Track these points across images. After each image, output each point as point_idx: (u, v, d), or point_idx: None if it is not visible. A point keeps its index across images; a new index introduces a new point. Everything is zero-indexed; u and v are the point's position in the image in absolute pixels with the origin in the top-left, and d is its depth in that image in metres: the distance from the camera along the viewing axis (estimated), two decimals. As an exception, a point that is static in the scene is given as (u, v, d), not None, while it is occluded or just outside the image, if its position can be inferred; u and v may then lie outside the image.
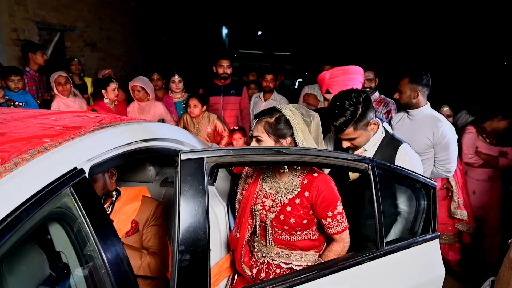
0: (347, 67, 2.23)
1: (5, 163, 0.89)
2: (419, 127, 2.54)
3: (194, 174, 1.15)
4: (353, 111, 1.65)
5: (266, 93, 4.20)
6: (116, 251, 1.03)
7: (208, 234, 1.14)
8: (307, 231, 1.52)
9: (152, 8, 8.85)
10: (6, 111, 1.54)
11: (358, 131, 1.69)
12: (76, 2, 5.98)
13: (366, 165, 1.43)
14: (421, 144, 2.51)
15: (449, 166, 2.50)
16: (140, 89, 3.54)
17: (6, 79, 3.30)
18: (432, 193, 1.59)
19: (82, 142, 1.15)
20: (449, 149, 2.45)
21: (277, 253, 1.55)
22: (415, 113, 2.57)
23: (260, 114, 1.55)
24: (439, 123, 2.46)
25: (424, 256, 1.56)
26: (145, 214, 1.72)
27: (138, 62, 8.30)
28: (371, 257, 1.37)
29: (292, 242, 1.52)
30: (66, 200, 0.97)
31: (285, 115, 1.48)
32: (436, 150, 2.51)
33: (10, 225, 0.77)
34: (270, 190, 1.55)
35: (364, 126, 1.70)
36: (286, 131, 1.49)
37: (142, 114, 3.56)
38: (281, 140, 1.50)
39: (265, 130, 1.50)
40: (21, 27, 4.77)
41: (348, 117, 1.65)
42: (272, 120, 1.50)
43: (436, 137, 2.44)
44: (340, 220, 1.45)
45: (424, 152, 2.53)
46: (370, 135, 1.76)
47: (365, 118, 1.68)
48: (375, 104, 3.38)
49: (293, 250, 1.54)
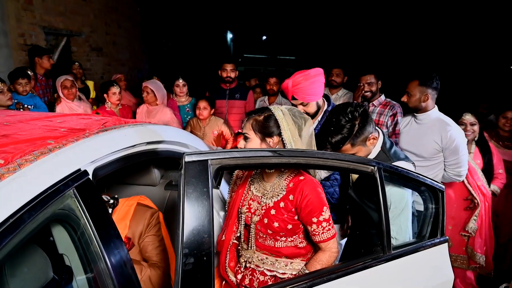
0: (307, 72, 2.21)
1: (8, 164, 0.88)
2: (426, 131, 2.51)
3: (198, 176, 1.14)
4: (349, 127, 1.59)
5: (271, 97, 4.19)
6: (119, 254, 1.02)
7: (213, 237, 1.13)
8: (293, 237, 1.48)
9: (157, 13, 8.92)
10: (11, 113, 1.54)
11: (356, 147, 1.64)
12: (83, 8, 6.04)
13: (372, 167, 1.41)
14: (429, 148, 2.48)
15: (460, 170, 2.46)
16: (150, 91, 3.53)
17: (14, 83, 3.33)
18: (440, 196, 1.56)
19: (86, 144, 1.15)
20: (459, 152, 2.41)
21: (261, 259, 1.52)
22: (423, 117, 2.55)
23: (251, 112, 1.55)
24: (448, 127, 2.42)
25: (432, 260, 1.53)
26: (138, 227, 1.63)
27: (144, 66, 8.35)
28: (379, 261, 1.35)
29: (276, 249, 1.49)
30: (70, 201, 0.96)
31: (275, 115, 1.47)
32: (445, 154, 2.47)
33: (13, 226, 0.76)
34: (257, 193, 1.54)
35: (362, 142, 1.64)
36: (274, 129, 1.48)
37: (148, 117, 3.57)
38: (267, 139, 1.48)
39: (252, 127, 1.50)
40: (28, 32, 4.82)
41: (344, 134, 1.59)
42: (260, 118, 1.50)
43: (445, 141, 2.41)
44: (326, 228, 1.40)
45: (433, 157, 2.51)
46: (370, 149, 1.70)
47: (363, 134, 1.61)
48: (380, 107, 3.35)
49: (277, 257, 1.50)
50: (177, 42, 10.25)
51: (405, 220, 1.58)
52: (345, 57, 9.61)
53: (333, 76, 3.96)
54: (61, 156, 1.01)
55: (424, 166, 2.52)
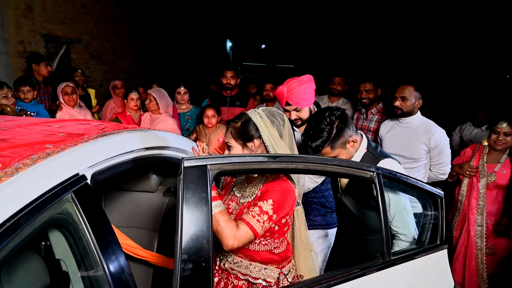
0: (300, 78, 2.27)
1: (6, 168, 0.88)
2: (413, 133, 2.61)
3: (197, 181, 1.14)
4: (328, 131, 1.65)
5: (268, 103, 4.22)
6: (117, 260, 1.01)
7: (212, 243, 1.12)
8: (267, 241, 1.45)
9: (156, 21, 8.97)
10: (10, 118, 1.54)
11: (336, 150, 1.68)
12: (83, 15, 6.07)
13: (371, 173, 1.41)
14: (417, 150, 2.58)
15: (445, 169, 2.60)
16: (152, 99, 3.54)
17: (17, 90, 3.35)
18: (439, 202, 1.56)
19: (85, 149, 1.14)
20: (445, 151, 2.54)
21: (236, 262, 1.50)
22: (408, 120, 2.64)
23: (230, 120, 1.56)
24: (434, 128, 2.55)
25: (432, 267, 1.52)
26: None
27: (143, 74, 8.38)
28: (378, 268, 1.34)
29: (251, 252, 1.47)
30: (67, 206, 0.95)
31: (252, 119, 1.47)
32: (432, 155, 2.58)
33: (9, 230, 0.75)
34: (237, 194, 1.55)
35: (342, 144, 1.68)
36: (253, 133, 1.47)
37: (151, 126, 3.57)
38: (248, 144, 1.47)
39: (232, 135, 1.50)
40: (28, 40, 4.83)
41: (324, 137, 1.65)
42: (238, 125, 1.50)
43: (433, 142, 2.52)
44: (257, 217, 1.32)
45: (420, 158, 2.60)
46: (352, 152, 1.74)
47: (342, 137, 1.66)
48: (379, 115, 3.36)
49: (252, 261, 1.48)
50: (177, 50, 10.30)
51: (406, 214, 1.60)
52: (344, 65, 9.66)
53: (335, 84, 3.97)
54: (59, 160, 1.00)
55: (413, 168, 2.60)
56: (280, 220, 1.42)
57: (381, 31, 10.22)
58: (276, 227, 1.43)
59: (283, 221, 1.44)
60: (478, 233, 2.78)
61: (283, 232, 1.47)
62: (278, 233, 1.45)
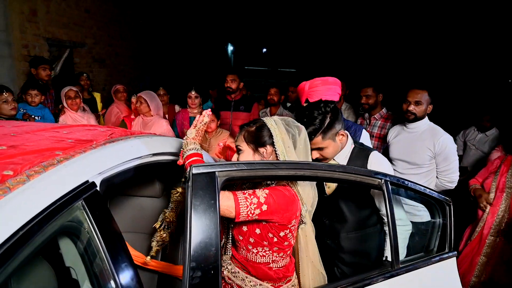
0: (326, 78, 2.25)
1: (17, 175, 0.88)
2: (418, 138, 2.57)
3: (205, 188, 1.14)
4: (321, 119, 1.69)
5: (272, 107, 4.22)
6: (127, 268, 1.00)
7: (220, 250, 1.12)
8: (265, 251, 1.40)
9: (159, 25, 9.01)
10: (17, 124, 1.54)
11: (327, 141, 1.71)
12: (86, 19, 6.10)
13: (379, 180, 1.41)
14: (422, 155, 2.53)
15: (453, 176, 2.52)
16: (143, 101, 3.53)
17: (25, 93, 3.36)
18: (447, 210, 1.55)
19: (94, 155, 1.14)
20: (451, 158, 2.48)
21: (234, 272, 1.48)
22: (415, 125, 2.60)
23: (244, 124, 1.55)
24: (440, 133, 2.50)
25: (440, 275, 1.51)
26: None
27: (145, 77, 8.40)
28: (386, 276, 1.33)
29: (248, 263, 1.44)
30: (78, 213, 0.95)
31: (267, 125, 1.46)
32: (438, 161, 2.52)
33: (22, 239, 0.75)
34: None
35: (333, 135, 1.72)
36: (266, 139, 1.45)
37: (144, 129, 3.53)
38: (260, 149, 1.45)
39: (245, 138, 1.48)
40: (32, 43, 4.85)
41: (316, 125, 1.68)
42: (252, 129, 1.48)
43: (438, 148, 2.47)
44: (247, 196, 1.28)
45: (426, 164, 2.55)
46: (339, 146, 1.78)
47: (333, 128, 1.71)
48: (382, 120, 3.35)
49: (248, 274, 1.45)
50: (179, 53, 10.33)
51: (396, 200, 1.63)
52: (346, 69, 9.67)
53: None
54: (69, 167, 1.00)
55: (417, 174, 2.56)
56: (277, 227, 1.36)
57: (383, 35, 10.22)
58: (274, 238, 1.38)
59: (281, 234, 1.38)
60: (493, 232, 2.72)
61: (282, 246, 1.42)
62: (277, 246, 1.40)
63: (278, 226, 1.35)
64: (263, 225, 1.38)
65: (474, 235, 2.82)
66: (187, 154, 1.38)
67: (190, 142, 1.41)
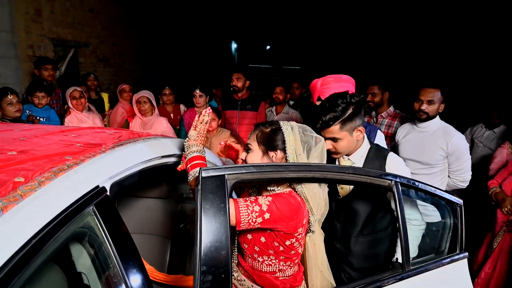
0: (339, 75, 2.18)
1: (28, 182, 0.87)
2: (430, 138, 2.52)
3: (215, 191, 1.13)
4: (343, 108, 1.61)
5: (277, 106, 4.20)
6: (138, 273, 1.00)
7: (231, 254, 1.11)
8: (271, 260, 1.37)
9: (163, 23, 9.00)
10: (26, 127, 1.54)
11: (343, 132, 1.63)
12: (90, 19, 6.11)
13: (389, 181, 1.40)
14: (434, 155, 2.49)
15: (465, 176, 2.49)
16: (147, 100, 3.52)
17: (32, 95, 3.37)
18: (458, 211, 1.53)
19: (103, 160, 1.13)
20: (464, 157, 2.44)
21: (240, 279, 1.45)
22: (427, 124, 2.55)
23: (260, 124, 1.50)
24: (452, 133, 2.45)
25: (452, 277, 1.50)
26: None
27: (150, 76, 8.41)
28: (397, 278, 1.32)
29: (254, 271, 1.41)
30: (89, 219, 0.94)
31: (282, 129, 1.40)
32: (450, 161, 2.48)
33: (35, 248, 0.74)
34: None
35: (351, 128, 1.64)
36: (278, 143, 1.40)
37: (144, 129, 3.51)
38: (270, 153, 1.41)
39: (257, 138, 1.44)
40: (37, 44, 4.87)
41: (337, 113, 1.61)
42: (267, 130, 1.43)
43: (451, 147, 2.43)
44: (249, 204, 1.24)
45: (438, 164, 2.51)
46: (354, 143, 1.70)
47: (354, 121, 1.63)
48: (389, 119, 3.32)
49: (253, 283, 1.42)
50: (183, 52, 10.33)
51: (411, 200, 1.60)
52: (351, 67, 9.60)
53: None
54: (80, 172, 1.00)
55: (429, 174, 2.52)
56: (282, 235, 1.32)
57: (390, 32, 10.13)
58: (280, 247, 1.34)
59: (287, 243, 1.33)
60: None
61: (289, 255, 1.37)
62: (283, 255, 1.36)
63: (284, 234, 1.31)
64: (268, 234, 1.33)
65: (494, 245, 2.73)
66: (189, 156, 1.35)
67: (192, 144, 1.38)
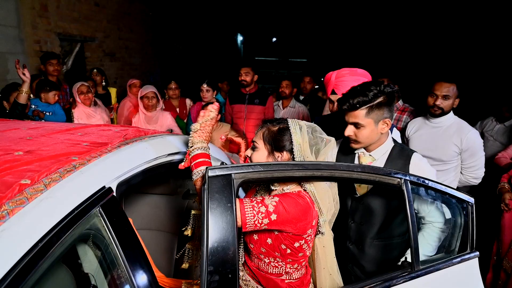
0: (354, 69, 2.09)
1: (35, 184, 0.87)
2: (444, 134, 2.46)
3: (222, 191, 1.12)
4: (374, 94, 1.52)
5: (284, 100, 4.17)
6: (145, 273, 1.00)
7: (238, 254, 1.10)
8: (277, 262, 1.32)
9: (168, 17, 8.96)
10: (33, 125, 1.54)
11: (368, 119, 1.55)
12: (96, 13, 6.09)
13: (398, 180, 1.37)
14: (448, 151, 2.44)
15: (478, 172, 2.44)
16: (154, 95, 3.51)
17: (41, 92, 3.38)
18: (469, 209, 1.50)
19: (109, 160, 1.13)
20: (479, 154, 2.40)
21: (245, 279, 1.41)
22: (440, 120, 2.48)
23: (268, 120, 1.43)
24: (466, 128, 2.40)
25: (462, 276, 1.48)
26: None
27: (156, 70, 8.40)
28: (407, 278, 1.30)
29: (260, 272, 1.37)
30: (96, 221, 0.94)
31: (290, 129, 1.33)
32: (464, 157, 2.43)
33: (42, 251, 0.74)
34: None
35: (377, 118, 1.55)
36: (285, 144, 1.33)
37: (149, 124, 3.49)
38: (276, 153, 1.35)
39: (263, 137, 1.37)
40: (44, 39, 4.88)
41: (367, 98, 1.52)
42: (274, 129, 1.37)
43: (465, 143, 2.38)
44: (255, 204, 1.19)
45: (451, 160, 2.46)
46: (377, 135, 1.61)
47: (382, 110, 1.54)
48: (398, 112, 3.29)
49: (258, 284, 1.38)
50: (188, 45, 10.29)
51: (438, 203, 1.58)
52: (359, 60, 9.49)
53: None
54: (86, 173, 0.99)
55: (442, 170, 2.47)
56: (291, 237, 1.27)
57: (399, 24, 9.97)
58: (288, 250, 1.29)
59: (296, 245, 1.28)
60: None
61: (297, 258, 1.32)
62: (291, 257, 1.31)
63: (293, 236, 1.27)
64: (275, 235, 1.28)
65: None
66: (193, 154, 1.31)
67: (197, 140, 1.34)
